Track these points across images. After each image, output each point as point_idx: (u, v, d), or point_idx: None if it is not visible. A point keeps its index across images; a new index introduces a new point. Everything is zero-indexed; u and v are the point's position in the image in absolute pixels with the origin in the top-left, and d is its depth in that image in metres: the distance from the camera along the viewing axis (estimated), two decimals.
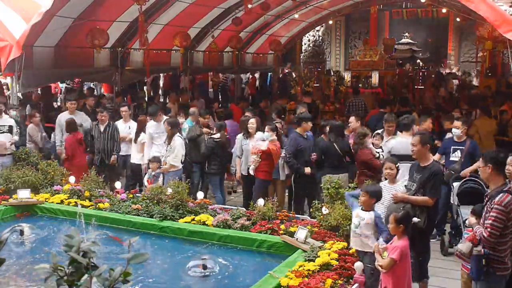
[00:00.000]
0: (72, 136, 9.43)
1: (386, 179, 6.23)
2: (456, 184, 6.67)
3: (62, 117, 9.83)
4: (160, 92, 18.81)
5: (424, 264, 5.86)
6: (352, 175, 7.98)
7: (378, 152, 7.77)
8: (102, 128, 9.43)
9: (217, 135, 8.99)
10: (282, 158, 8.40)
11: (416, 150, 5.76)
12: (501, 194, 4.44)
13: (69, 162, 9.34)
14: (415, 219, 4.77)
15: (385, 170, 6.12)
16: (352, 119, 8.97)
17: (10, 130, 9.09)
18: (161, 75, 18.20)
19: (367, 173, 7.46)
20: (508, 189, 4.49)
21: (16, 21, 9.56)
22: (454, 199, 6.67)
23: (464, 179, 6.67)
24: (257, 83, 21.33)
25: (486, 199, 4.63)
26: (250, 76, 21.26)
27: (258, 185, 8.34)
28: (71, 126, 9.47)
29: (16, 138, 9.16)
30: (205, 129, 9.36)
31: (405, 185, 5.94)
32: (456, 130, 7.74)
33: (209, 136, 9.07)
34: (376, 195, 5.33)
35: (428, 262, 5.95)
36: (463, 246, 4.68)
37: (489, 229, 4.39)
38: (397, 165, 6.05)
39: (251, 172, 8.30)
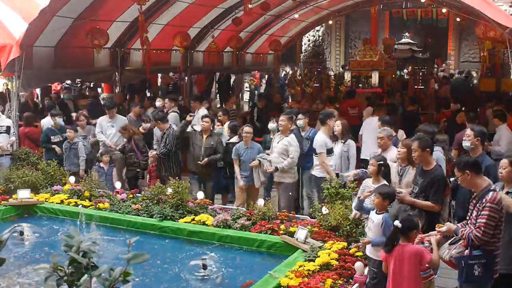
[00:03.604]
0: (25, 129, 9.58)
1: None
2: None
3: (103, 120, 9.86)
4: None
5: None
6: None
7: None
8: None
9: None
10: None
11: (416, 155, 5.67)
12: (491, 193, 4.40)
13: None
14: (396, 223, 4.65)
15: (369, 167, 6.05)
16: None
17: (7, 130, 9.05)
18: None
19: None
20: (494, 188, 4.48)
21: (16, 21, 9.56)
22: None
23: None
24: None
25: (474, 201, 4.56)
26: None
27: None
28: (29, 119, 9.89)
29: (13, 138, 9.09)
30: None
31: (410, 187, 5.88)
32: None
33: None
34: (389, 197, 5.20)
35: None
36: (455, 251, 4.62)
37: (483, 228, 4.34)
38: (379, 162, 5.92)
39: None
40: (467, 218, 4.65)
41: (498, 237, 4.44)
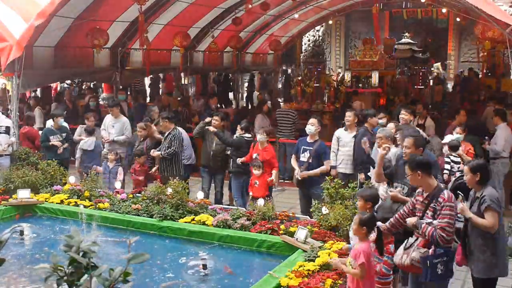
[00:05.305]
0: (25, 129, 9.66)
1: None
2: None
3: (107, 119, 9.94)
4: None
5: None
6: None
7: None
8: None
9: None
10: None
11: (409, 152, 5.61)
12: (446, 192, 4.58)
13: None
14: (379, 224, 4.68)
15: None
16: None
17: (7, 131, 9.05)
18: None
19: None
20: (444, 187, 4.66)
21: (16, 21, 9.55)
22: None
23: (458, 175, 6.68)
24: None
25: (426, 201, 4.67)
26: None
27: None
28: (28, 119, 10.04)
29: (13, 139, 9.08)
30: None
31: (396, 186, 5.84)
32: (311, 127, 7.64)
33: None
34: (371, 199, 5.22)
35: None
36: (415, 254, 4.63)
37: (447, 229, 4.44)
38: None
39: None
40: (420, 216, 4.69)
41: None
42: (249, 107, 18.12)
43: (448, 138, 8.04)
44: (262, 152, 8.21)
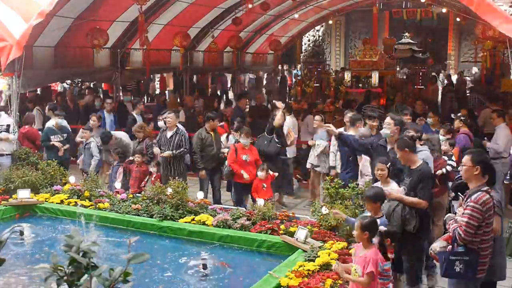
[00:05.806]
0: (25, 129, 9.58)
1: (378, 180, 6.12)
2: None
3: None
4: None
5: (418, 269, 5.73)
6: None
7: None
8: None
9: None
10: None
11: (398, 156, 5.67)
12: (478, 193, 4.40)
13: None
14: (381, 228, 4.64)
15: (376, 171, 5.99)
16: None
17: (8, 129, 9.05)
18: None
19: None
20: (486, 189, 4.44)
21: (16, 21, 9.56)
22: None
23: (459, 175, 6.68)
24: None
25: (466, 198, 4.55)
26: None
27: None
28: (28, 119, 9.89)
29: (12, 136, 9.08)
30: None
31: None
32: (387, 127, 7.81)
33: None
34: (378, 198, 5.19)
35: (421, 267, 5.78)
36: (438, 244, 4.63)
37: (464, 227, 4.34)
38: (388, 165, 5.91)
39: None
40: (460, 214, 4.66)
41: (482, 237, 4.40)
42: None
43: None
44: (250, 153, 8.29)
